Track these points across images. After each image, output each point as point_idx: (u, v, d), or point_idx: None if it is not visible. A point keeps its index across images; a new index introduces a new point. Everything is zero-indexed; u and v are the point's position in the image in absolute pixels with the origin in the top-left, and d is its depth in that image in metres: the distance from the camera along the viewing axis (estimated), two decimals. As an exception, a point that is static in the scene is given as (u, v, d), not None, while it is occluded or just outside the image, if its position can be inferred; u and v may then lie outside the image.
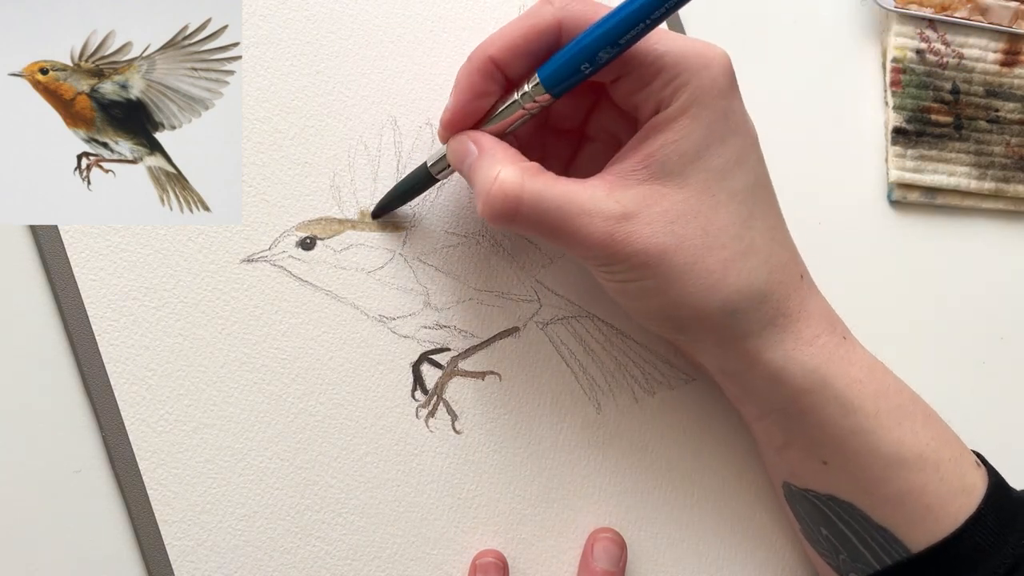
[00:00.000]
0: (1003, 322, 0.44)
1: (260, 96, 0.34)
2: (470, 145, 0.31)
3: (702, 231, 0.29)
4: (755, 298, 0.30)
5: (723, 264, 0.30)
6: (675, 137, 0.29)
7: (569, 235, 0.29)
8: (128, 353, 0.32)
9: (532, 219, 0.29)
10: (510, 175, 0.29)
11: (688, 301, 0.30)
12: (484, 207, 0.29)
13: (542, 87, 0.30)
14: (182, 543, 0.32)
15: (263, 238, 0.34)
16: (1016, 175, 0.44)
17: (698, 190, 0.30)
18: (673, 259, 0.29)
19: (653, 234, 0.29)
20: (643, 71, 0.30)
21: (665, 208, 0.29)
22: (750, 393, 0.33)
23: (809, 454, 0.33)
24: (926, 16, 0.43)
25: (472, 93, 0.30)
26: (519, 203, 0.29)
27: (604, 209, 0.29)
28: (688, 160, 0.29)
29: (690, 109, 0.29)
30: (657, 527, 0.37)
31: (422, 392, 0.35)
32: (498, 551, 0.35)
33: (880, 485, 0.32)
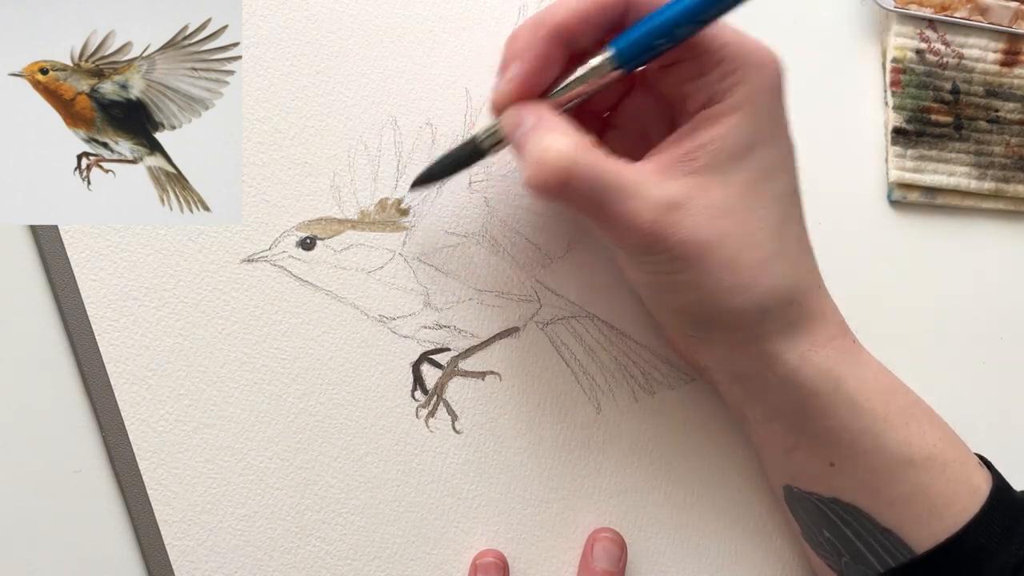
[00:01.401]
0: (1003, 322, 0.44)
1: (260, 96, 0.34)
2: (525, 114, 0.30)
3: (742, 229, 0.29)
4: (784, 300, 0.30)
5: (759, 264, 0.30)
6: (727, 133, 0.29)
7: (614, 217, 0.29)
8: (128, 353, 0.32)
9: (580, 194, 0.28)
10: (564, 144, 0.28)
11: (720, 298, 0.30)
12: (533, 175, 0.28)
13: (613, 61, 0.29)
14: (182, 543, 0.32)
15: (263, 238, 0.34)
16: (1016, 175, 0.44)
17: (742, 188, 0.29)
18: (712, 254, 0.29)
19: (697, 227, 0.29)
20: (702, 60, 0.29)
21: (709, 203, 0.29)
22: (760, 395, 0.33)
23: (816, 456, 0.33)
24: (926, 16, 0.43)
25: (540, 61, 0.29)
26: (570, 176, 0.28)
27: (653, 195, 0.28)
28: (737, 157, 0.29)
29: (744, 107, 0.29)
30: (657, 527, 0.37)
31: (422, 392, 0.35)
32: (498, 551, 0.35)
33: (887, 486, 0.32)
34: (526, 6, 0.38)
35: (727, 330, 0.31)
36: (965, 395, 0.35)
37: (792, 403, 0.32)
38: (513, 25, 0.38)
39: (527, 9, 0.38)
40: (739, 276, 0.29)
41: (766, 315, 0.30)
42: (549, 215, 0.37)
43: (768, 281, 0.30)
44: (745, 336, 0.31)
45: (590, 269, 0.37)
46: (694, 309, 0.31)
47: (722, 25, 0.29)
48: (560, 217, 0.37)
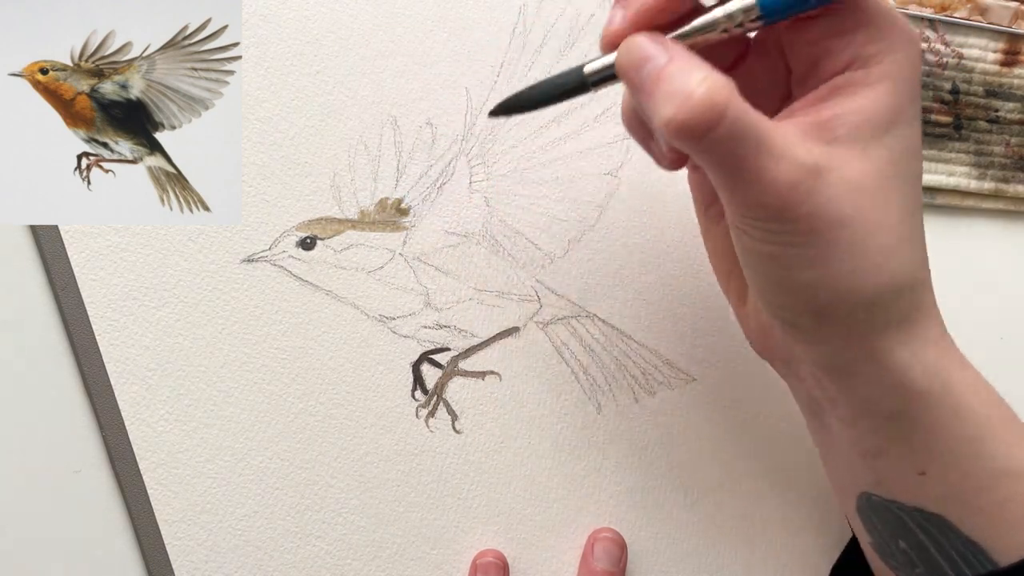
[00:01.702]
0: (1003, 322, 0.44)
1: (260, 96, 0.34)
2: (657, 47, 0.26)
3: (876, 210, 0.27)
4: (904, 288, 0.28)
5: (888, 248, 0.28)
6: (870, 104, 0.27)
7: (754, 172, 0.26)
8: (128, 353, 0.32)
9: (726, 142, 0.25)
10: (720, 84, 0.25)
11: (844, 279, 0.27)
12: (679, 114, 0.25)
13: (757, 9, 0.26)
14: (182, 543, 0.32)
15: (263, 238, 0.34)
16: (1016, 175, 0.44)
17: (881, 165, 0.27)
18: (844, 232, 0.27)
19: (836, 198, 0.26)
20: (851, 16, 0.27)
21: (849, 176, 0.27)
22: (858, 393, 0.30)
23: (907, 462, 0.31)
24: (926, 16, 0.43)
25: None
26: (722, 118, 0.25)
27: (798, 155, 0.26)
28: (879, 132, 0.27)
29: (889, 78, 0.27)
30: (657, 527, 0.37)
31: (422, 392, 0.35)
32: (498, 551, 0.34)
33: (979, 495, 0.30)
34: (526, 6, 0.38)
35: (840, 318, 0.29)
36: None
37: (894, 403, 0.30)
38: (514, 24, 0.38)
39: (527, 9, 0.38)
40: (866, 259, 0.27)
41: (886, 305, 0.28)
42: (550, 216, 0.37)
43: (896, 267, 0.28)
44: (857, 328, 0.29)
45: (590, 269, 0.37)
46: (813, 288, 0.28)
47: None
48: (560, 217, 0.37)
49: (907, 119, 0.28)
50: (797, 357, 0.33)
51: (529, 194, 0.37)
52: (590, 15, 0.38)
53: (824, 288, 0.28)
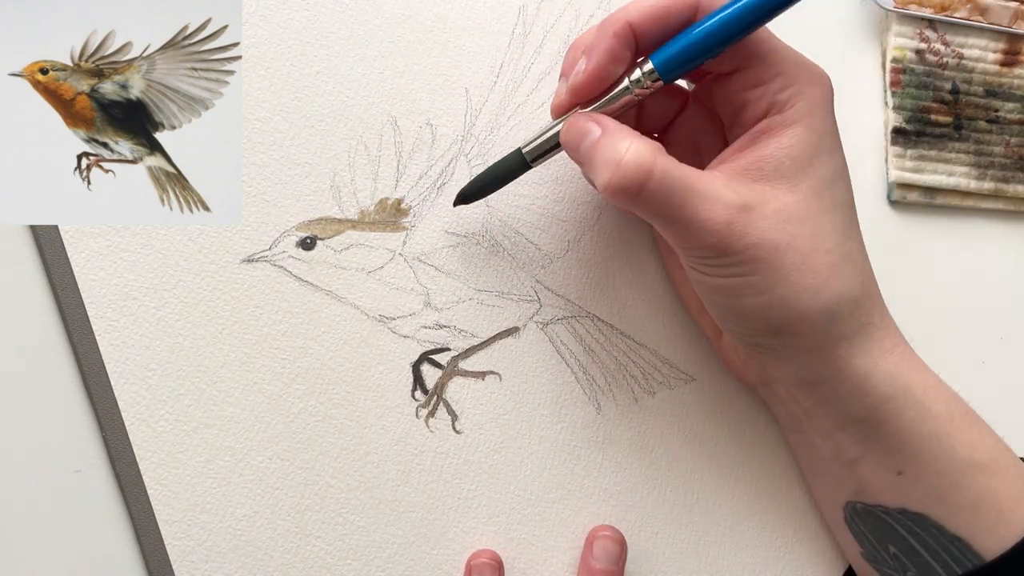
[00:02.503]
0: (1003, 322, 0.44)
1: (260, 96, 0.34)
2: (591, 125, 0.30)
3: (811, 233, 0.30)
4: (851, 303, 0.31)
5: (828, 267, 0.30)
6: (790, 142, 0.30)
7: (689, 219, 0.29)
8: (128, 353, 0.32)
9: (658, 196, 0.29)
10: (643, 149, 0.29)
11: (792, 301, 0.30)
12: (613, 178, 0.29)
13: (654, 73, 0.30)
14: (182, 543, 0.32)
15: (263, 238, 0.34)
16: (1016, 175, 0.44)
17: (808, 195, 0.30)
18: (784, 256, 0.30)
19: (769, 228, 0.30)
20: (762, 70, 0.30)
21: (779, 207, 0.30)
22: (829, 404, 0.33)
23: (884, 465, 0.33)
24: (926, 16, 0.43)
25: (609, 57, 0.30)
26: (649, 178, 0.29)
27: (725, 197, 0.29)
28: (800, 165, 0.30)
29: (805, 118, 0.30)
30: (657, 527, 0.37)
31: (422, 392, 0.35)
32: (493, 551, 0.34)
33: (955, 491, 0.32)
34: (526, 6, 0.38)
35: (798, 335, 0.31)
36: (965, 395, 0.35)
37: (863, 409, 0.32)
38: (513, 25, 0.38)
39: (527, 9, 0.38)
40: (809, 279, 0.30)
41: (835, 319, 0.31)
42: (550, 216, 0.37)
43: (837, 284, 0.31)
44: (816, 341, 0.31)
45: (590, 269, 0.37)
46: (765, 312, 0.31)
47: (777, 38, 0.31)
48: (560, 217, 0.37)
49: (827, 150, 0.31)
50: (772, 378, 0.35)
51: (529, 194, 0.37)
52: (589, 15, 0.38)
53: (775, 310, 0.31)
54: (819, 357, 0.32)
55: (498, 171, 0.34)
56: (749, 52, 0.30)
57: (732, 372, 0.37)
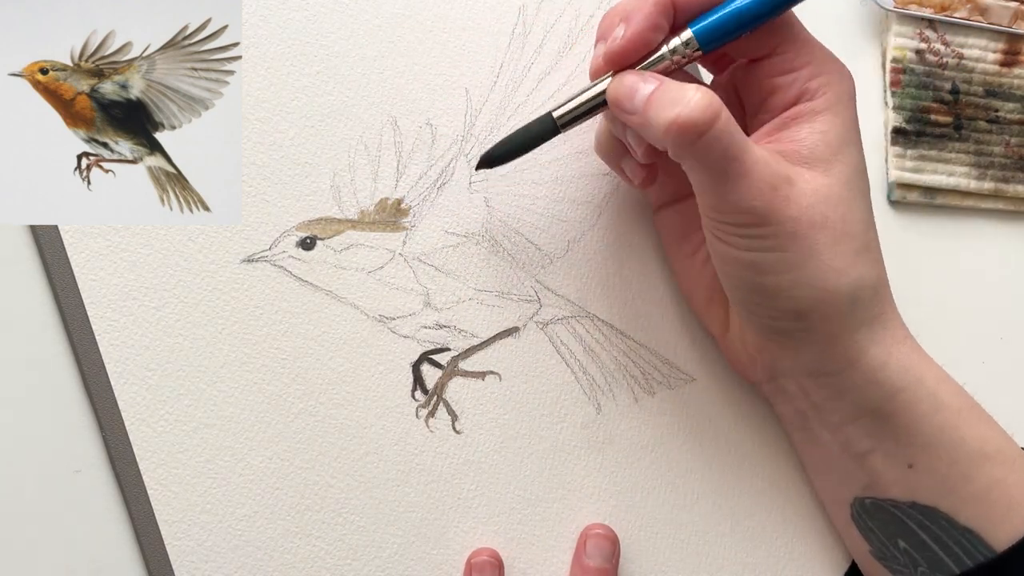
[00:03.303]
0: (1003, 322, 0.44)
1: (260, 96, 0.34)
2: (641, 81, 0.30)
3: (842, 217, 0.31)
4: (871, 290, 0.32)
5: (854, 252, 0.31)
6: (823, 128, 0.31)
7: (742, 173, 0.29)
8: (128, 353, 0.32)
9: (720, 143, 0.29)
10: (711, 93, 0.29)
11: (820, 279, 0.30)
12: (681, 115, 0.28)
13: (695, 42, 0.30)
14: (182, 543, 0.32)
15: (263, 238, 0.34)
16: (1016, 175, 0.44)
17: (840, 180, 0.31)
18: (819, 235, 0.30)
19: (810, 205, 0.30)
20: (793, 56, 0.31)
21: (816, 187, 0.30)
22: (842, 395, 0.33)
23: (895, 457, 0.33)
24: (926, 16, 0.43)
25: (648, 24, 0.30)
26: (716, 119, 0.28)
27: (773, 165, 0.30)
28: (833, 151, 0.31)
29: (835, 107, 0.31)
30: (657, 527, 0.37)
31: (422, 392, 0.35)
32: (493, 549, 0.35)
33: (966, 482, 0.32)
34: (526, 6, 0.38)
35: (821, 318, 0.31)
36: (965, 395, 0.35)
37: (876, 400, 0.32)
38: (513, 25, 0.38)
39: (527, 9, 0.38)
40: (838, 260, 0.31)
41: (857, 303, 0.31)
42: (550, 216, 0.37)
43: (862, 269, 0.31)
44: (838, 326, 0.32)
45: (590, 269, 0.37)
46: (793, 291, 0.31)
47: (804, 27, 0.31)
48: (560, 217, 0.37)
49: (853, 140, 0.32)
50: (782, 371, 0.35)
51: (529, 194, 0.37)
52: (589, 15, 0.38)
53: (802, 289, 0.31)
54: (837, 345, 0.32)
55: (526, 135, 0.33)
56: (782, 38, 0.31)
57: (737, 369, 0.37)
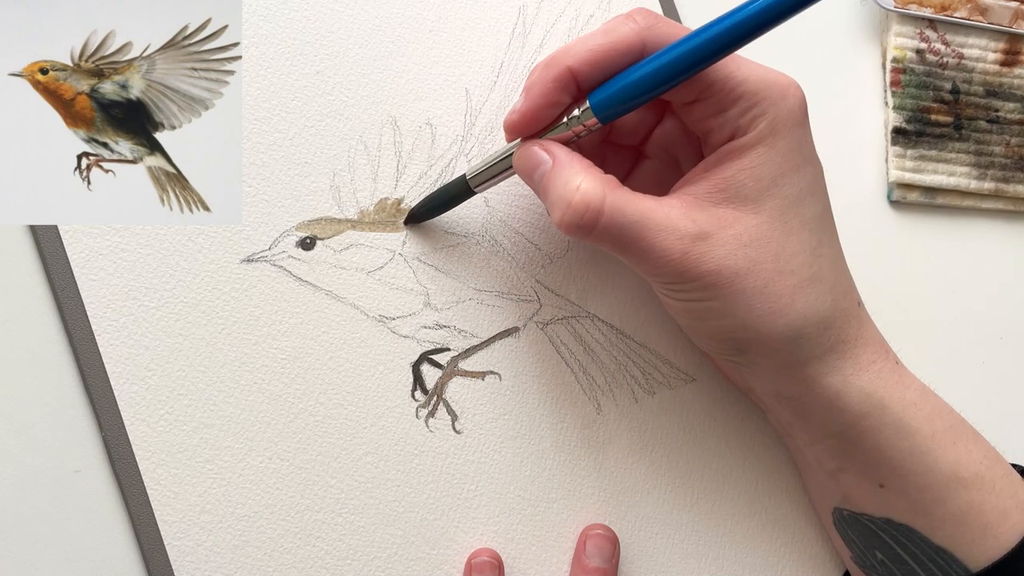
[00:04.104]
0: (1003, 322, 0.44)
1: (260, 96, 0.34)
2: (543, 155, 0.30)
3: (774, 256, 0.30)
4: (819, 324, 0.31)
5: (792, 289, 0.30)
6: (752, 164, 0.30)
7: (644, 251, 0.29)
8: (128, 353, 0.32)
9: (611, 232, 0.29)
10: (593, 186, 0.29)
11: (754, 324, 0.30)
12: (564, 217, 0.29)
13: (591, 112, 0.30)
14: (182, 543, 0.32)
15: (263, 238, 0.34)
16: (1016, 175, 0.44)
17: (772, 216, 0.30)
18: (744, 281, 0.29)
19: (727, 255, 0.29)
20: (721, 97, 0.30)
21: (739, 231, 0.29)
22: (805, 418, 0.33)
23: (865, 477, 0.33)
24: (926, 16, 0.43)
25: (545, 100, 0.30)
26: (600, 215, 0.29)
27: (680, 227, 0.29)
28: (764, 187, 0.30)
29: (767, 138, 0.30)
30: (656, 527, 0.37)
31: (422, 392, 0.35)
32: (493, 549, 0.35)
33: (939, 505, 0.32)
34: (526, 6, 0.38)
35: (763, 355, 0.31)
36: (965, 395, 0.35)
37: (838, 426, 0.32)
38: (513, 25, 0.38)
39: (527, 9, 0.38)
40: (772, 302, 0.30)
41: (802, 340, 0.30)
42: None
43: (802, 307, 0.30)
44: (785, 360, 0.31)
45: (590, 269, 0.37)
46: (730, 335, 0.31)
47: (737, 58, 0.30)
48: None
49: (792, 169, 0.30)
50: (753, 388, 0.35)
51: (529, 194, 0.37)
52: (589, 15, 0.38)
53: (740, 332, 0.31)
54: (788, 375, 0.31)
55: (444, 195, 0.34)
56: (705, 83, 0.30)
57: (727, 377, 0.38)
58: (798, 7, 0.27)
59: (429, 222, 0.36)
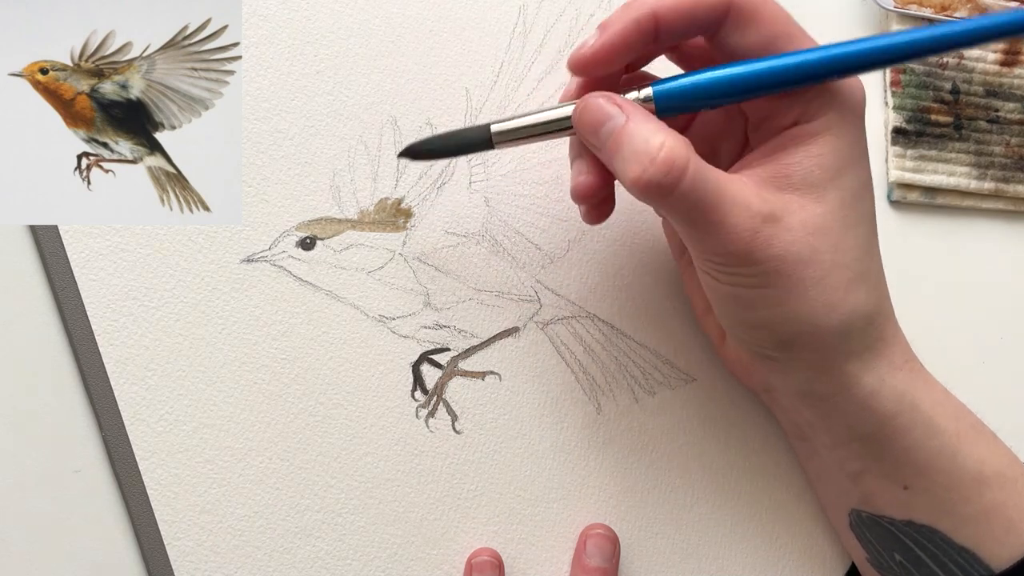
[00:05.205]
0: (1003, 322, 0.44)
1: (260, 96, 0.34)
2: (613, 108, 0.28)
3: (833, 248, 0.29)
4: (865, 320, 0.30)
5: (846, 284, 0.29)
6: (820, 151, 0.29)
7: (716, 224, 0.28)
8: (128, 353, 0.32)
9: (689, 197, 0.27)
10: (678, 146, 0.27)
11: (806, 316, 0.29)
12: (646, 174, 0.27)
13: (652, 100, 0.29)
14: (182, 543, 0.32)
15: (263, 238, 0.34)
16: (1016, 175, 0.44)
17: (835, 207, 0.29)
18: (805, 271, 0.29)
19: (793, 241, 0.28)
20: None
21: (805, 218, 0.29)
22: (833, 418, 0.32)
23: (889, 479, 0.32)
24: (926, 16, 0.43)
25: (623, 39, 0.28)
26: (684, 176, 0.27)
27: (753, 204, 0.28)
28: (830, 176, 0.29)
29: (835, 128, 0.29)
30: (657, 527, 0.37)
31: (422, 392, 0.35)
32: (493, 549, 0.34)
33: (963, 504, 0.32)
34: (526, 6, 0.38)
35: (807, 350, 0.31)
36: (965, 395, 0.35)
37: (869, 425, 0.32)
38: (514, 25, 0.38)
39: (527, 9, 0.38)
40: (827, 295, 0.29)
41: (849, 336, 0.30)
42: (550, 216, 0.37)
43: (853, 302, 0.30)
44: (824, 357, 0.31)
45: (590, 269, 0.37)
46: (777, 326, 0.30)
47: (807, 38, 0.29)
48: (560, 217, 0.37)
49: (855, 162, 0.30)
50: (775, 387, 0.35)
51: (529, 194, 0.37)
52: (589, 15, 0.38)
53: (787, 323, 0.30)
54: (827, 372, 0.31)
55: (456, 139, 0.32)
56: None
57: (735, 376, 0.37)
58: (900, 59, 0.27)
59: (430, 223, 0.35)
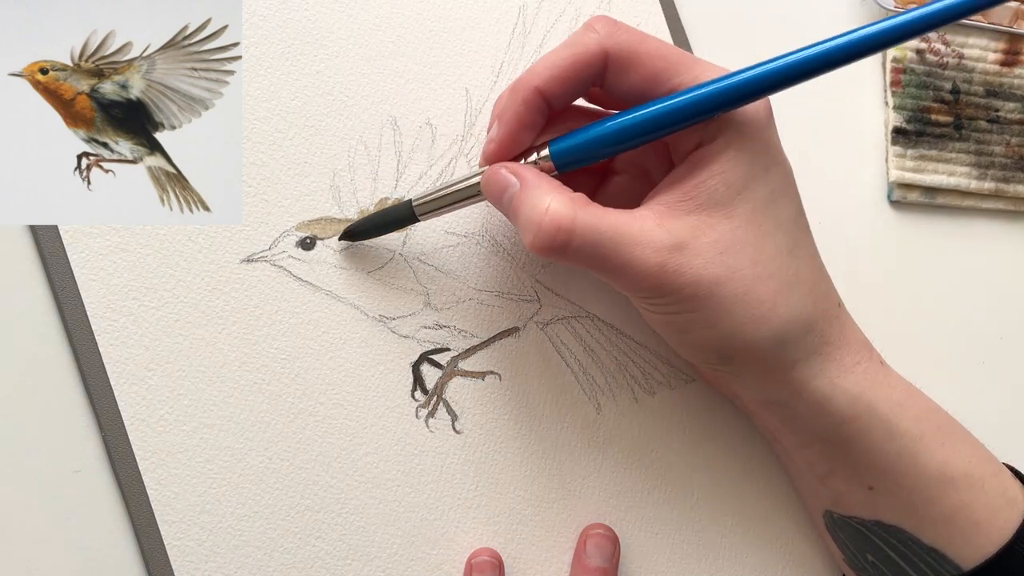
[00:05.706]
0: (1003, 322, 0.44)
1: (260, 96, 0.34)
2: (511, 177, 0.30)
3: (751, 261, 0.29)
4: (802, 327, 0.30)
5: (772, 294, 0.30)
6: (721, 169, 0.29)
7: (620, 267, 0.29)
8: (128, 353, 0.32)
9: (584, 251, 0.29)
10: (562, 206, 0.28)
11: (738, 332, 0.29)
12: (535, 239, 0.29)
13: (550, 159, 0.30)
14: (182, 543, 0.32)
15: (263, 238, 0.34)
16: (1016, 175, 0.44)
17: (746, 220, 0.29)
18: (724, 290, 0.29)
19: (705, 264, 0.29)
20: None
21: (715, 238, 0.29)
22: (793, 422, 0.33)
23: (854, 480, 0.33)
24: (926, 16, 0.43)
25: (519, 125, 0.30)
26: (571, 235, 0.28)
27: (655, 239, 0.29)
28: (735, 191, 0.29)
29: (734, 142, 0.29)
30: (657, 527, 0.37)
31: (422, 392, 0.35)
32: (493, 549, 0.35)
33: (928, 505, 0.32)
34: (526, 6, 0.38)
35: (749, 362, 0.31)
36: (965, 395, 0.35)
37: (826, 428, 0.32)
38: (513, 25, 0.38)
39: (527, 9, 0.38)
40: (753, 309, 0.29)
41: (786, 345, 0.30)
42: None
43: (784, 310, 0.30)
44: (768, 368, 0.31)
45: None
46: (713, 345, 0.30)
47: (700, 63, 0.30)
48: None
49: (762, 169, 0.30)
50: (738, 395, 0.35)
51: (529, 194, 0.37)
52: (589, 15, 0.38)
53: (722, 340, 0.30)
54: (775, 380, 0.31)
55: (384, 218, 0.34)
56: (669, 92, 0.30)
57: (710, 385, 0.38)
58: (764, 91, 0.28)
59: (430, 223, 0.35)
